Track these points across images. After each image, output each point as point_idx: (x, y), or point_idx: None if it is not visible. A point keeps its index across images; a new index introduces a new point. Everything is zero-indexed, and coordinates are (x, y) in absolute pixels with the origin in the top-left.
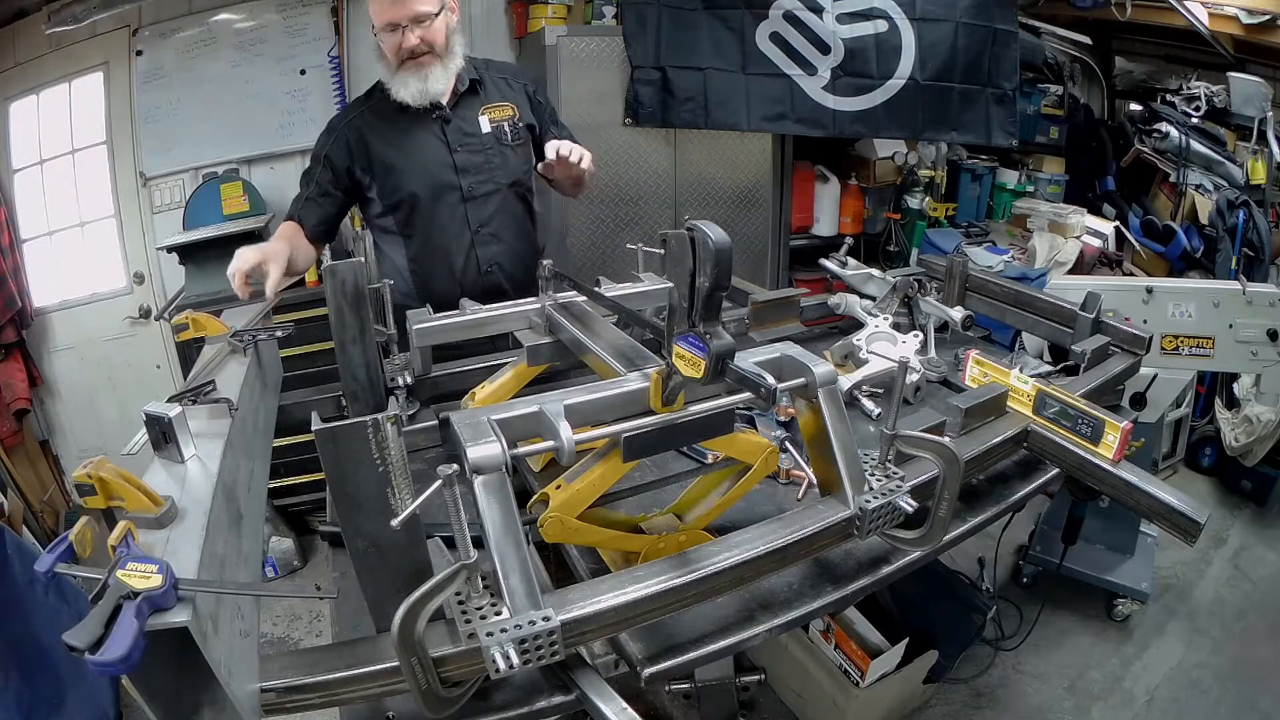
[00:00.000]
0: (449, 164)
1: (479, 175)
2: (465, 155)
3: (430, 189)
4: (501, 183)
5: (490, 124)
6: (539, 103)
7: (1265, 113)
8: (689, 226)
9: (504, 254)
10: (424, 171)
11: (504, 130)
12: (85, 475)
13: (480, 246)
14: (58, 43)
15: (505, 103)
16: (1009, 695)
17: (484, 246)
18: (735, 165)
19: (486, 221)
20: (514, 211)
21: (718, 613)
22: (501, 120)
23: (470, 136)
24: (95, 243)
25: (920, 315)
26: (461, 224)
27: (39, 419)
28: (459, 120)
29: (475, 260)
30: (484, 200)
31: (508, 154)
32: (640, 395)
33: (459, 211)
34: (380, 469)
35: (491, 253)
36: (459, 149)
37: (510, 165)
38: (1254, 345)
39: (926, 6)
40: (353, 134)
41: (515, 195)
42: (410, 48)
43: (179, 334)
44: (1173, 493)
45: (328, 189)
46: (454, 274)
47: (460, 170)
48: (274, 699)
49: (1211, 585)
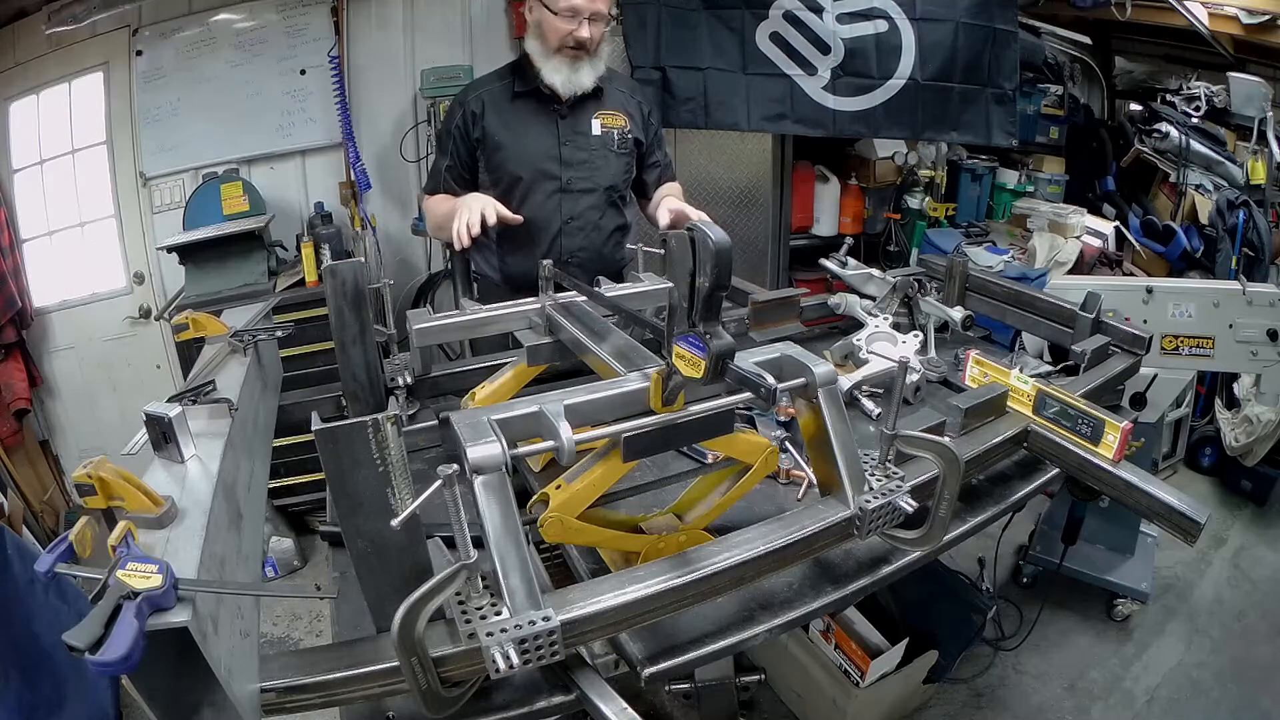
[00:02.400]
0: (555, 155)
1: (579, 171)
2: (572, 150)
3: (532, 173)
4: (599, 184)
5: (601, 128)
6: (651, 122)
7: (1265, 113)
8: (689, 226)
9: (586, 249)
10: (530, 156)
11: (612, 137)
12: (85, 475)
13: (566, 237)
14: (58, 43)
15: (619, 113)
16: (1009, 695)
17: (569, 238)
18: (735, 165)
19: (577, 215)
20: (604, 212)
21: (718, 613)
22: (613, 128)
23: (580, 135)
24: (95, 243)
25: (920, 315)
26: (554, 213)
27: (39, 419)
28: (574, 118)
29: (559, 248)
30: (579, 196)
31: (610, 159)
32: (640, 395)
33: (553, 201)
34: (380, 469)
35: (575, 244)
36: (567, 143)
37: (611, 169)
38: (1254, 345)
39: (926, 6)
40: (476, 107)
41: (609, 198)
42: (583, 39)
43: (179, 334)
44: (1173, 493)
45: (464, 157)
46: (535, 257)
47: (564, 163)
48: (274, 699)
49: (1211, 585)
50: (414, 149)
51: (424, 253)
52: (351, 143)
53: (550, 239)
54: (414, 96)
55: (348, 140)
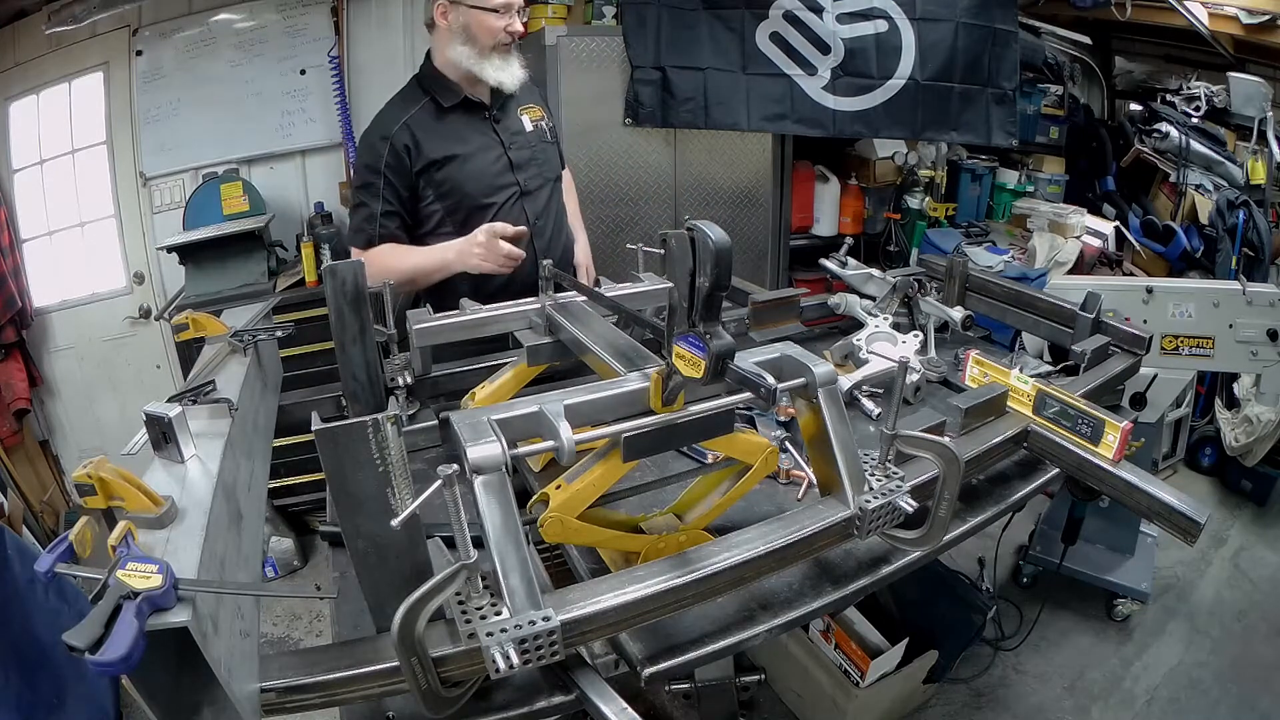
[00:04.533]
0: (505, 161)
1: (530, 170)
2: (518, 152)
3: (490, 188)
4: (548, 177)
5: (530, 123)
6: (549, 107)
7: (1265, 113)
8: (689, 226)
9: (554, 245)
10: (483, 171)
11: (542, 128)
12: (85, 475)
13: (537, 239)
14: (58, 43)
15: (534, 104)
16: (1009, 695)
17: (539, 238)
18: (735, 165)
19: (540, 214)
20: (557, 204)
21: (718, 613)
22: (538, 120)
23: (518, 134)
24: (95, 243)
25: (920, 315)
26: (519, 218)
27: (39, 419)
28: (505, 120)
29: (533, 252)
30: (536, 194)
31: (548, 150)
32: (640, 395)
33: (517, 207)
34: (380, 469)
35: (545, 244)
36: (512, 146)
37: (551, 161)
38: (1254, 345)
39: (926, 6)
40: (407, 140)
41: (555, 190)
42: (516, 31)
43: (179, 334)
44: (1173, 493)
45: (403, 196)
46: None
47: (516, 166)
48: (274, 699)
49: (1211, 585)
50: None
51: None
52: (351, 143)
53: (524, 245)
54: None
55: (348, 140)
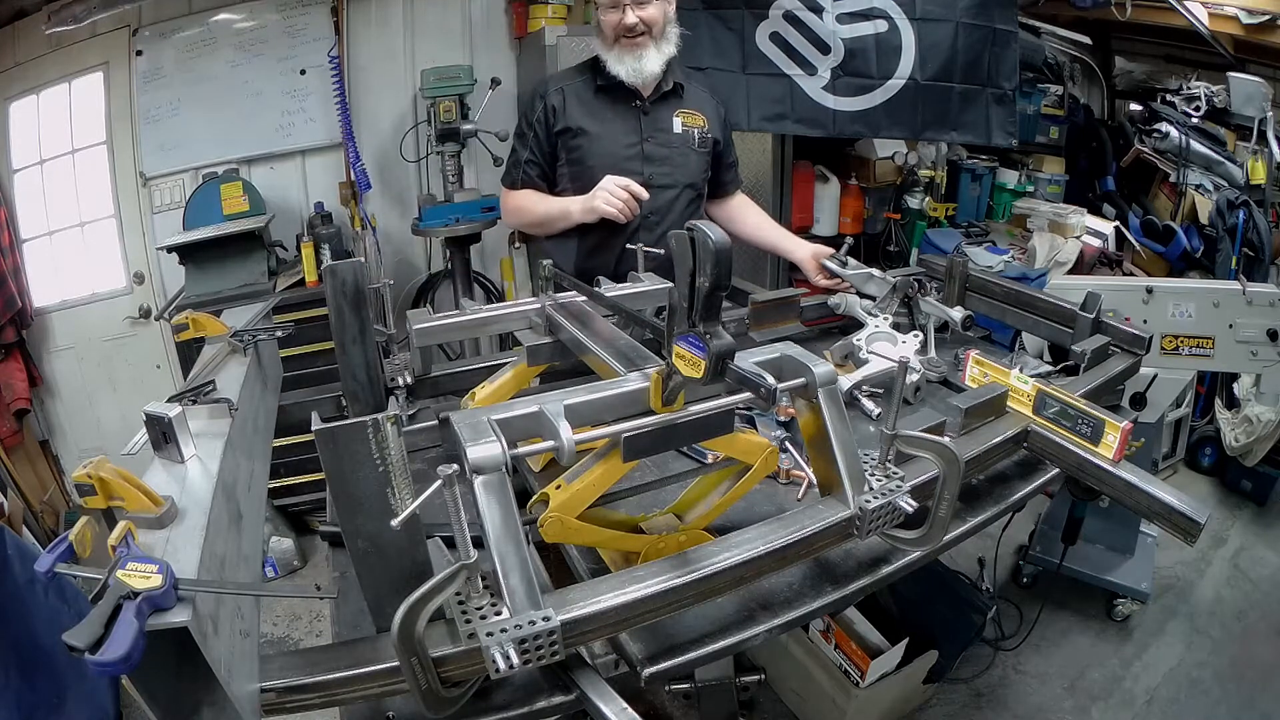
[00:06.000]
0: (638, 150)
1: (662, 168)
2: (654, 147)
3: (615, 169)
4: (680, 181)
5: (683, 126)
6: (726, 123)
7: (1265, 113)
8: (689, 226)
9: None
10: (613, 150)
11: (693, 135)
12: (85, 475)
13: (645, 232)
14: (58, 43)
15: (699, 112)
16: (1009, 695)
17: (648, 232)
18: None
19: (658, 211)
20: (683, 209)
21: (718, 613)
22: (693, 127)
23: (662, 131)
24: (95, 243)
25: (920, 315)
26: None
27: (39, 419)
28: (655, 115)
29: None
30: (660, 191)
31: (691, 157)
32: (640, 395)
33: None
34: (380, 469)
35: (652, 240)
36: (649, 139)
37: (691, 167)
38: (1254, 345)
39: (926, 6)
40: (556, 102)
41: (688, 196)
42: (629, 25)
43: (179, 334)
44: (1173, 493)
45: (544, 150)
46: (615, 250)
47: (646, 159)
48: (274, 699)
49: (1211, 585)
50: (414, 149)
51: (424, 253)
52: (351, 143)
53: (630, 233)
54: (414, 97)
55: (348, 140)
